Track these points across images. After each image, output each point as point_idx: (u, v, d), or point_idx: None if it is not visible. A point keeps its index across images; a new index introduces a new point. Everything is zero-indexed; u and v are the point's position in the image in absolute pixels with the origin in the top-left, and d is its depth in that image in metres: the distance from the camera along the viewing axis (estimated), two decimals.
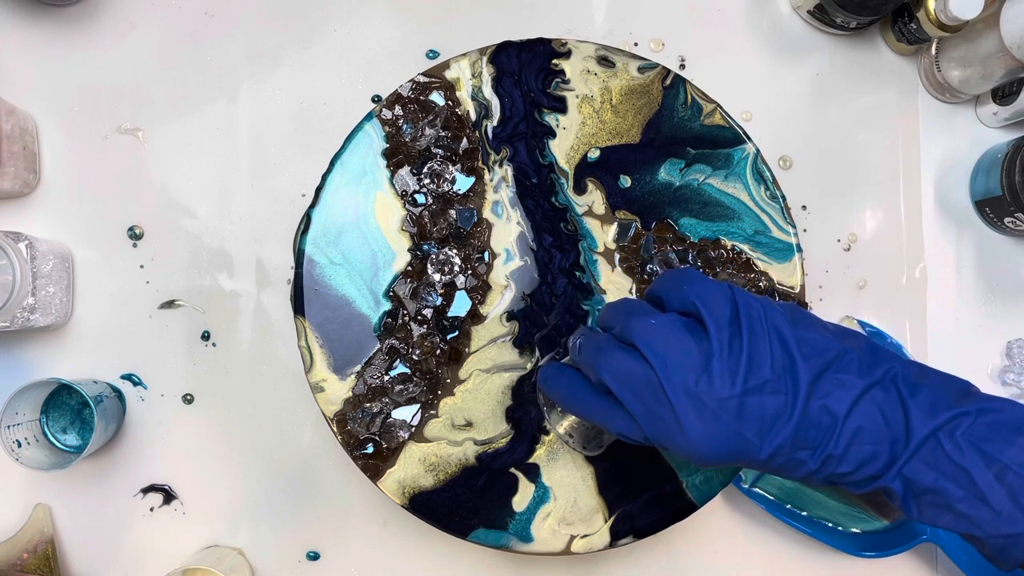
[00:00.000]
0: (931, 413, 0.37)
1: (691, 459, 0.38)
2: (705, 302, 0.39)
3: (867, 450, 0.37)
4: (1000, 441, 0.37)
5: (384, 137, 0.53)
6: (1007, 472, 0.36)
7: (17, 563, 0.56)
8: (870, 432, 0.37)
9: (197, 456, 0.59)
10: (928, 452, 0.37)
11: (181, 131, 0.59)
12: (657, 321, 0.39)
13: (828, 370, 0.38)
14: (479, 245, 0.54)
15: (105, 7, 0.59)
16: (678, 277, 0.41)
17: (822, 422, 0.37)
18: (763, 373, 0.37)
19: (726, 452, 0.38)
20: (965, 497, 0.37)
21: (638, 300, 0.43)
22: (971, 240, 0.64)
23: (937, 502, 0.37)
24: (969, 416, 0.37)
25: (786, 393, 0.37)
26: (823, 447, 0.37)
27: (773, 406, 0.37)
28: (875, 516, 0.61)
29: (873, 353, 0.39)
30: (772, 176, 0.55)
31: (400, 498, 0.52)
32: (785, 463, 0.38)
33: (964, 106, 0.64)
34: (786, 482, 0.60)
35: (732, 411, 0.37)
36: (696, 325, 0.39)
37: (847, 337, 0.40)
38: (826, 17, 0.60)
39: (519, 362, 0.53)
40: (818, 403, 0.37)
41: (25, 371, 0.58)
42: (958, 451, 0.37)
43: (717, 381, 0.37)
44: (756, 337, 0.38)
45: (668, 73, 0.55)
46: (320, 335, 0.52)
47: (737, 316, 0.38)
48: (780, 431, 0.37)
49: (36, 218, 0.59)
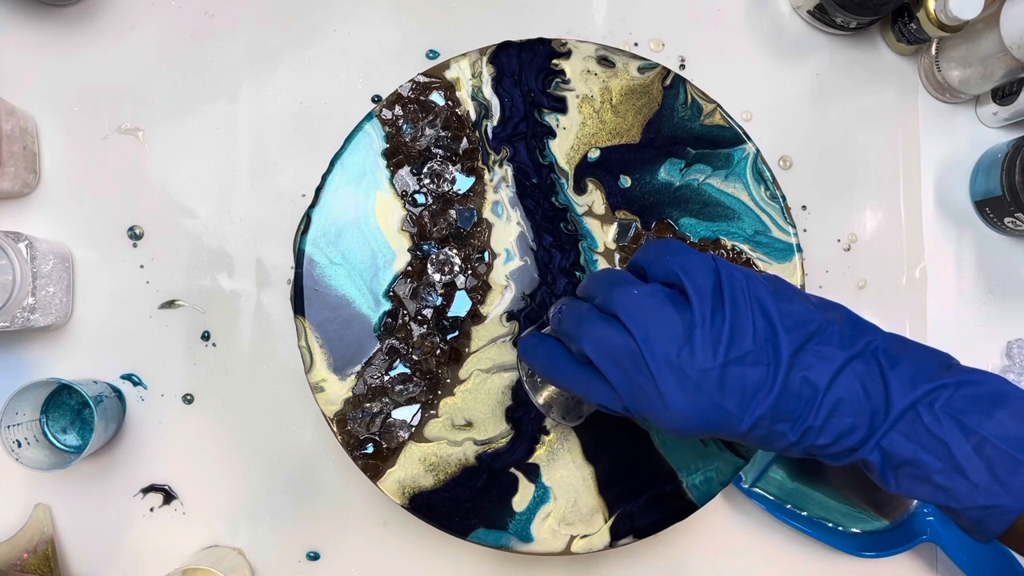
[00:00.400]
0: (911, 385, 0.37)
1: (671, 430, 0.38)
2: (688, 273, 0.39)
3: (847, 422, 0.37)
4: (979, 413, 0.37)
5: (384, 137, 0.53)
6: (985, 444, 0.36)
7: (17, 563, 0.56)
8: (850, 404, 0.37)
9: (197, 456, 0.59)
10: (907, 424, 0.37)
11: (181, 131, 0.59)
12: (639, 291, 0.39)
13: (810, 342, 0.38)
14: (479, 245, 0.54)
15: (105, 7, 0.59)
16: (661, 247, 0.41)
17: (803, 394, 0.37)
18: (745, 344, 0.37)
19: (706, 423, 0.38)
20: (943, 469, 0.37)
21: (620, 270, 0.43)
22: (971, 240, 0.64)
23: (915, 474, 0.37)
24: (948, 388, 0.37)
25: (767, 364, 0.37)
26: (803, 419, 0.37)
27: (754, 377, 0.37)
28: (875, 516, 0.61)
29: (854, 325, 0.39)
30: (772, 176, 0.55)
31: (400, 498, 0.52)
32: (765, 435, 0.38)
33: (964, 106, 0.64)
34: (786, 482, 0.60)
35: (713, 382, 0.37)
36: (679, 296, 0.39)
37: (829, 309, 0.40)
38: (826, 17, 0.60)
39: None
40: (799, 375, 0.37)
41: (25, 371, 0.58)
42: (937, 423, 0.37)
43: (699, 352, 0.37)
44: (739, 308, 0.38)
45: (668, 73, 0.55)
46: (320, 335, 0.52)
47: (720, 287, 0.38)
48: (761, 402, 0.37)
49: (36, 218, 0.59)
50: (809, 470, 0.61)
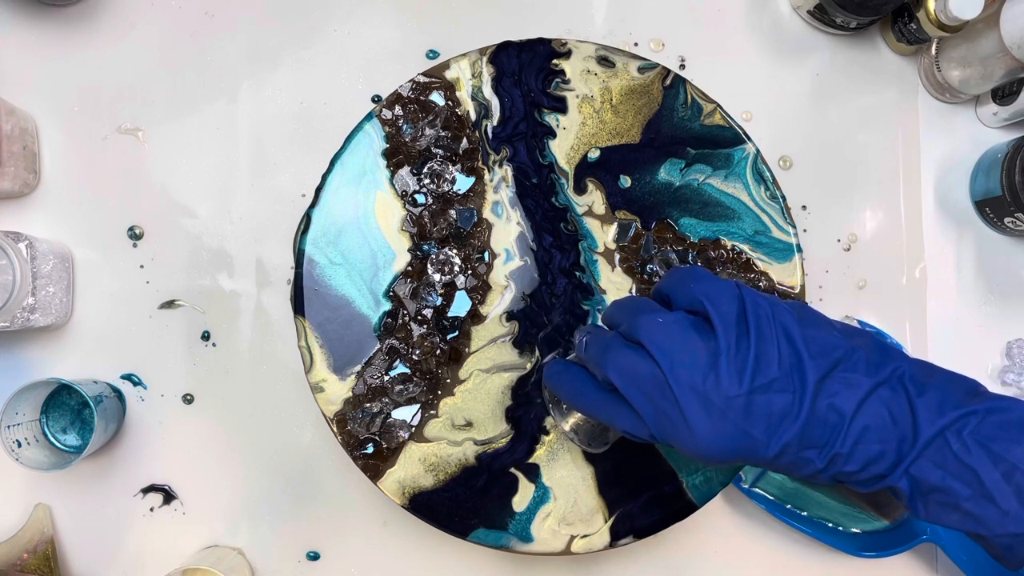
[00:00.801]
0: (938, 412, 0.37)
1: (698, 457, 0.38)
2: (713, 300, 0.39)
3: (874, 449, 0.37)
4: (1008, 440, 0.36)
5: (384, 137, 0.53)
6: (1015, 471, 0.36)
7: (17, 563, 0.56)
8: (877, 431, 0.37)
9: (197, 456, 0.59)
10: (935, 451, 0.37)
11: (181, 131, 0.59)
12: (664, 319, 0.39)
13: (836, 369, 0.38)
14: (479, 245, 0.54)
15: (105, 7, 0.59)
16: (686, 275, 0.41)
17: (829, 421, 0.37)
18: (771, 372, 0.37)
19: (733, 450, 0.38)
20: (972, 496, 0.36)
21: (645, 298, 0.43)
22: (971, 240, 0.64)
23: (944, 501, 0.37)
24: (977, 415, 0.37)
25: (793, 392, 0.37)
26: (830, 446, 0.37)
27: (780, 404, 0.37)
28: (875, 516, 0.61)
29: (881, 352, 0.39)
30: (772, 176, 0.55)
31: (400, 498, 0.52)
32: (792, 462, 0.38)
33: (964, 106, 0.64)
34: (786, 482, 0.60)
35: (739, 410, 0.37)
36: (703, 324, 0.39)
37: (854, 336, 0.40)
38: (826, 17, 0.60)
39: (519, 362, 0.53)
40: (825, 402, 0.37)
41: (25, 371, 0.58)
42: (965, 450, 0.36)
43: (724, 379, 0.37)
44: (764, 336, 0.38)
45: (668, 73, 0.55)
46: (320, 335, 0.52)
47: (744, 315, 0.38)
48: (787, 429, 0.37)
49: (36, 218, 0.59)
50: None
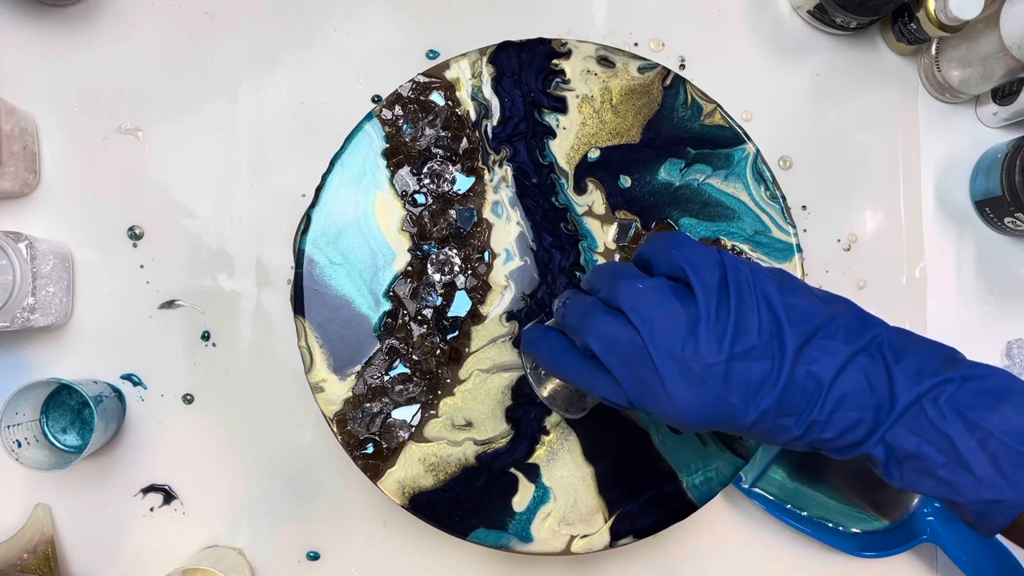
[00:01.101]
0: (915, 379, 0.37)
1: (676, 424, 0.38)
2: (693, 266, 0.39)
3: (851, 416, 0.37)
4: (984, 408, 0.37)
5: (384, 137, 0.53)
6: (989, 439, 0.36)
7: (17, 563, 0.56)
8: (855, 398, 0.37)
9: (197, 456, 0.59)
10: (911, 418, 0.37)
11: (181, 131, 0.59)
12: (644, 285, 0.39)
13: (815, 336, 0.38)
14: (479, 245, 0.54)
15: (105, 7, 0.59)
16: (666, 240, 0.41)
17: (807, 388, 0.37)
18: (750, 339, 0.37)
19: (711, 417, 0.38)
20: (947, 463, 0.37)
21: (625, 264, 0.42)
22: (971, 240, 0.64)
23: (919, 468, 0.37)
24: (953, 383, 0.37)
25: (772, 359, 0.37)
26: (807, 413, 0.37)
27: (759, 372, 0.37)
28: (875, 516, 0.61)
29: (860, 319, 0.39)
30: (772, 176, 0.55)
31: (400, 498, 0.52)
32: (769, 429, 0.38)
33: (964, 106, 0.64)
34: (786, 482, 0.60)
35: (718, 376, 0.37)
36: (684, 290, 0.39)
37: (835, 303, 0.40)
38: (826, 17, 0.60)
39: (519, 362, 0.53)
40: (804, 369, 0.37)
41: (25, 371, 0.58)
42: (941, 417, 0.37)
43: (703, 346, 0.37)
44: (744, 302, 0.38)
45: (668, 73, 0.55)
46: (320, 335, 0.52)
47: (725, 281, 0.38)
48: (765, 397, 0.37)
49: (36, 218, 0.59)
50: (809, 470, 0.61)
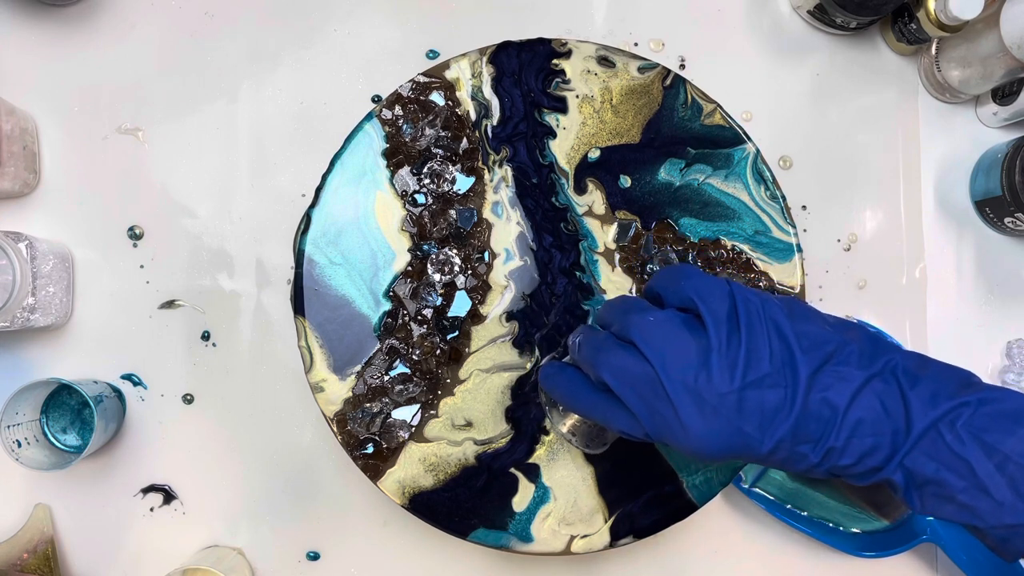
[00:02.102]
0: (931, 404, 0.37)
1: (693, 455, 0.38)
2: (703, 298, 0.39)
3: (868, 442, 0.37)
4: (1001, 431, 0.37)
5: (384, 137, 0.53)
6: (1008, 462, 0.36)
7: (17, 563, 0.56)
8: (871, 424, 0.37)
9: (197, 456, 0.59)
10: (929, 443, 0.37)
11: (181, 131, 0.59)
12: (655, 318, 0.39)
13: (828, 363, 0.38)
14: (479, 245, 0.54)
15: (105, 7, 0.59)
16: (676, 273, 0.41)
17: (822, 415, 0.37)
18: (762, 367, 0.37)
19: (727, 447, 0.38)
20: (966, 488, 0.36)
21: (636, 297, 0.43)
22: (971, 240, 0.64)
23: (939, 493, 0.37)
24: (969, 406, 0.37)
25: (786, 387, 0.37)
26: (824, 440, 0.37)
27: (773, 400, 0.37)
28: (875, 516, 0.61)
29: (873, 344, 0.39)
30: (772, 176, 0.55)
31: (400, 498, 0.52)
32: (787, 457, 0.38)
33: (964, 106, 0.64)
34: (786, 482, 0.60)
35: (732, 406, 0.37)
36: (694, 321, 0.39)
37: (847, 329, 0.40)
38: (826, 17, 0.60)
39: (519, 362, 0.53)
40: (818, 396, 0.37)
41: (25, 371, 0.58)
42: (959, 442, 0.37)
43: (716, 376, 0.37)
44: (754, 331, 0.38)
45: (668, 73, 0.55)
46: (320, 335, 0.52)
47: (735, 311, 0.38)
48: (780, 425, 0.37)
49: (36, 218, 0.59)
50: None
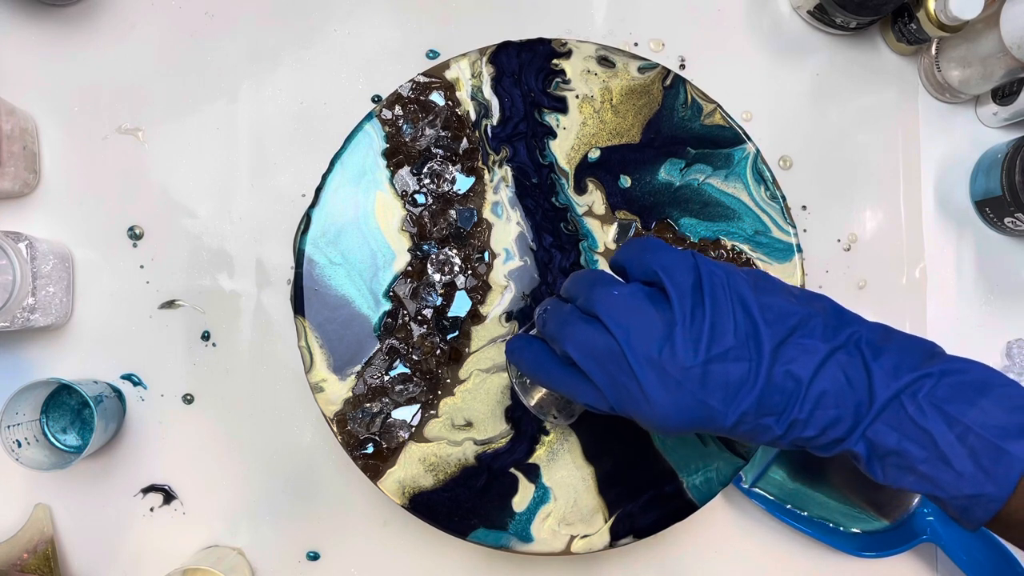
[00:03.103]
0: (894, 375, 0.37)
1: (656, 428, 0.38)
2: (667, 271, 0.39)
3: (831, 414, 0.37)
4: (962, 402, 0.37)
5: (384, 137, 0.53)
6: (968, 433, 0.36)
7: (17, 563, 0.56)
8: (834, 396, 0.37)
9: (197, 456, 0.59)
10: (891, 414, 0.37)
11: (181, 131, 0.59)
12: (619, 292, 0.39)
13: (792, 335, 0.38)
14: (479, 245, 0.54)
15: (105, 7, 0.59)
16: (641, 246, 0.41)
17: (786, 387, 0.37)
18: (726, 341, 0.37)
19: (691, 420, 0.38)
20: (927, 459, 0.37)
21: (601, 271, 0.43)
22: (971, 240, 0.64)
23: (900, 464, 0.37)
24: (932, 378, 0.37)
25: (749, 360, 0.37)
26: (788, 412, 0.37)
27: (737, 373, 0.37)
28: (875, 516, 0.61)
29: (838, 316, 0.39)
30: (772, 176, 0.55)
31: (400, 498, 0.52)
32: (751, 429, 0.38)
33: (964, 106, 0.64)
34: (786, 482, 0.60)
35: (696, 379, 0.37)
36: (659, 295, 0.39)
37: (812, 301, 0.40)
38: (826, 17, 0.60)
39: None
40: (782, 369, 0.37)
41: (25, 371, 0.58)
42: (920, 413, 0.37)
43: (680, 350, 0.37)
44: (719, 305, 0.38)
45: (668, 73, 0.55)
46: (320, 335, 0.52)
47: (700, 284, 0.38)
48: (744, 398, 0.37)
49: (36, 218, 0.59)
50: (810, 470, 0.61)
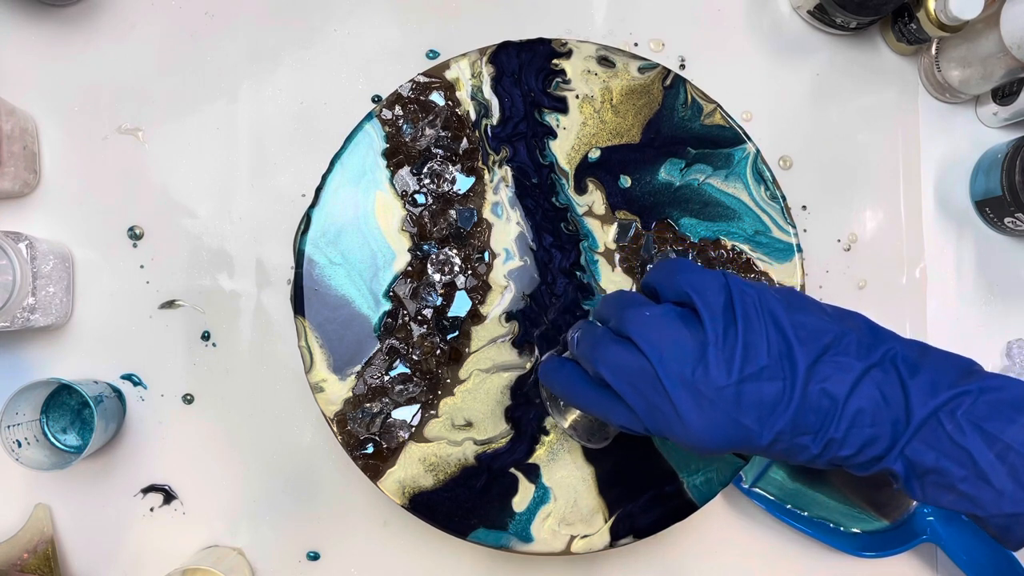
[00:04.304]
0: (931, 393, 0.37)
1: (692, 449, 0.38)
2: (699, 291, 0.39)
3: (868, 432, 0.37)
4: (1001, 420, 0.36)
5: (384, 137, 0.53)
6: (1009, 451, 0.36)
7: (17, 563, 0.56)
8: (870, 414, 0.37)
9: (197, 456, 0.59)
10: (929, 432, 0.37)
11: (181, 131, 0.59)
12: (651, 313, 0.39)
13: (826, 353, 0.38)
14: (479, 245, 0.54)
15: (105, 7, 0.59)
16: (671, 267, 0.41)
17: (822, 406, 0.37)
18: (759, 360, 0.37)
19: (726, 440, 0.38)
20: (967, 477, 0.36)
21: (633, 292, 0.43)
22: (971, 240, 0.64)
23: (939, 482, 0.37)
24: (970, 395, 0.37)
25: (784, 379, 0.37)
26: (824, 431, 0.37)
27: (771, 392, 0.37)
28: (875, 516, 0.61)
29: (872, 334, 0.39)
30: (772, 176, 0.55)
31: (400, 498, 0.52)
32: (787, 448, 0.38)
33: (964, 106, 0.64)
34: (786, 482, 0.60)
35: (730, 399, 0.37)
36: (691, 315, 0.39)
37: (846, 319, 0.40)
38: (826, 17, 0.60)
39: (519, 362, 0.53)
40: (817, 387, 0.37)
41: (25, 371, 0.58)
42: (959, 431, 0.36)
43: (713, 370, 0.37)
44: (751, 324, 0.38)
45: (668, 73, 0.55)
46: (320, 335, 0.52)
47: (732, 304, 0.38)
48: (779, 417, 0.37)
49: (36, 218, 0.59)
50: (810, 470, 0.61)
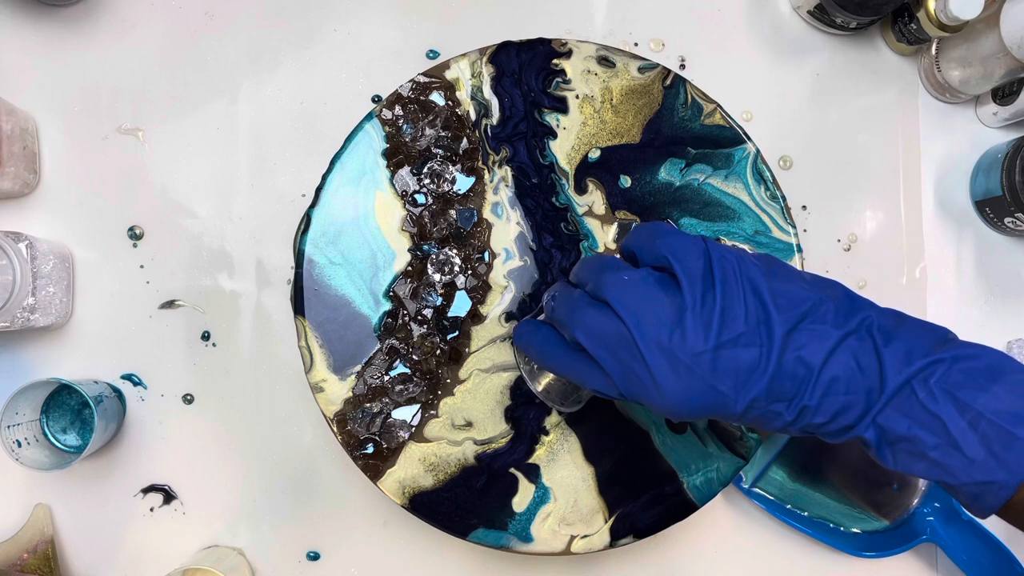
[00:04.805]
0: (905, 361, 0.37)
1: (666, 414, 0.38)
2: (678, 256, 0.38)
3: (842, 400, 0.37)
4: (974, 388, 0.36)
5: (384, 137, 0.53)
6: (980, 420, 0.36)
7: (17, 563, 0.56)
8: (845, 382, 0.37)
9: (197, 456, 0.59)
10: (902, 400, 0.37)
11: (181, 131, 0.59)
12: (629, 277, 0.39)
13: (803, 321, 0.38)
14: (479, 245, 0.54)
15: (105, 7, 0.59)
16: (651, 231, 0.41)
17: (797, 373, 0.37)
18: (737, 326, 0.37)
19: (701, 406, 0.38)
20: (938, 445, 0.36)
21: (611, 256, 0.42)
22: (971, 240, 0.64)
23: (911, 450, 0.37)
24: (944, 363, 0.37)
25: (760, 346, 0.37)
26: (799, 398, 0.37)
27: (747, 359, 0.37)
28: (875, 516, 0.61)
29: (850, 302, 0.39)
30: (772, 176, 0.55)
31: (400, 498, 0.52)
32: (761, 415, 0.38)
33: (964, 106, 0.64)
34: (786, 482, 0.60)
35: (706, 365, 0.37)
36: (669, 280, 0.39)
37: (824, 287, 0.39)
38: (826, 17, 0.60)
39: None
40: (793, 355, 0.37)
41: (25, 371, 0.58)
42: (931, 399, 0.36)
43: (690, 336, 0.37)
44: (730, 290, 0.38)
45: (668, 73, 0.55)
46: (320, 335, 0.52)
47: (711, 269, 0.38)
48: (755, 384, 0.37)
49: (36, 218, 0.59)
50: (810, 470, 0.61)
